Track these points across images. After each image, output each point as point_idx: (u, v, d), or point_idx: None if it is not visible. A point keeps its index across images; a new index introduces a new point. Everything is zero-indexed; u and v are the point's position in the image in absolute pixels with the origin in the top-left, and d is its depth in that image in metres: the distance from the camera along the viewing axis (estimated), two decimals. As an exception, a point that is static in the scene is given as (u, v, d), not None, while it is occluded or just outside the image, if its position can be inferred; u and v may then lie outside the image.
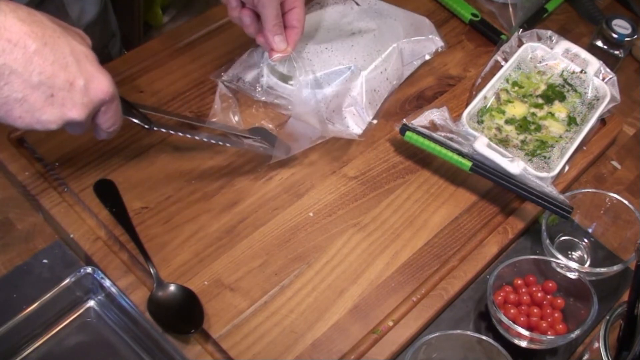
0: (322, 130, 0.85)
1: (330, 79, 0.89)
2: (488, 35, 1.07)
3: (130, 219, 0.79)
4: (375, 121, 0.92)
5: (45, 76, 0.61)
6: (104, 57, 1.04)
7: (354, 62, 0.90)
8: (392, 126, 0.93)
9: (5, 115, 0.62)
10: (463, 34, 1.07)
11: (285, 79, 0.90)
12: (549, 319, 0.78)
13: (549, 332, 0.77)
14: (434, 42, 1.01)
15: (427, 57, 1.01)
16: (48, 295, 0.72)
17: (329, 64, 0.90)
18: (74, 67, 0.62)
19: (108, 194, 0.80)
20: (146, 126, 0.77)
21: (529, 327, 0.76)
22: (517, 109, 0.95)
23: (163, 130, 0.78)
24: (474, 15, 1.08)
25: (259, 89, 0.91)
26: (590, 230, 0.89)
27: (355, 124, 0.90)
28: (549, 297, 0.80)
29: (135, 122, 0.76)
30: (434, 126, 0.89)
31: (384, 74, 0.93)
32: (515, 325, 0.74)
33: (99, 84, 0.64)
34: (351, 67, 0.90)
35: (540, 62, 1.00)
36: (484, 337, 0.73)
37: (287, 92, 0.90)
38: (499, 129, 0.93)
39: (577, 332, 0.74)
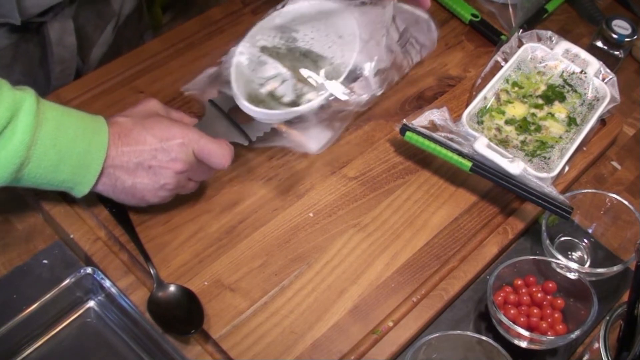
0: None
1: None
2: (488, 36, 1.07)
3: (131, 219, 0.79)
4: (381, 91, 0.86)
5: (136, 157, 0.72)
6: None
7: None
8: (392, 126, 0.93)
9: (136, 200, 0.75)
10: (463, 34, 1.07)
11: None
12: (549, 320, 0.78)
13: (549, 333, 0.77)
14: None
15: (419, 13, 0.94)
16: (48, 295, 0.72)
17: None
18: (150, 137, 0.72)
19: (108, 194, 0.80)
20: (245, 143, 0.81)
21: (529, 328, 0.76)
22: (517, 110, 0.95)
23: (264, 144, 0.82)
24: (473, 15, 1.08)
25: None
26: (590, 231, 0.89)
27: (360, 88, 0.84)
28: (549, 297, 0.80)
29: (235, 143, 0.80)
30: (434, 126, 0.89)
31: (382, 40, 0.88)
32: (515, 326, 0.74)
33: (171, 137, 0.73)
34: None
35: (540, 62, 1.00)
36: (484, 338, 0.73)
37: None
38: (499, 129, 0.93)
39: (577, 333, 0.75)
